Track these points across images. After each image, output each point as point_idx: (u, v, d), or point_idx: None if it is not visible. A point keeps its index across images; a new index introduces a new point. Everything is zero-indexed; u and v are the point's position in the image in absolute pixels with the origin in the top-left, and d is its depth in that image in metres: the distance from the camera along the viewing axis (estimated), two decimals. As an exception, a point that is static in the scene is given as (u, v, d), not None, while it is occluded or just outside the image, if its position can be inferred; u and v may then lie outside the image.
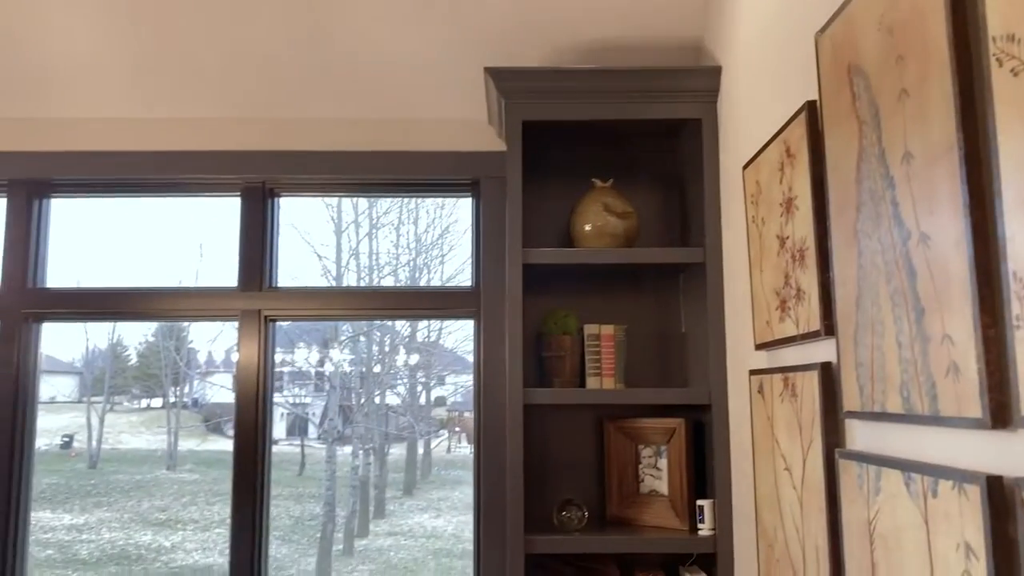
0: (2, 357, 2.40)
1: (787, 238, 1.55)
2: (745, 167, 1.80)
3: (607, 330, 2.16)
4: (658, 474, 2.17)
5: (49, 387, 8.48)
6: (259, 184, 2.44)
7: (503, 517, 2.31)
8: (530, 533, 1.99)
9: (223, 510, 7.67)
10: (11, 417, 2.42)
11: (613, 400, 2.12)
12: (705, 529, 2.01)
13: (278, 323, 2.52)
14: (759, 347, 1.71)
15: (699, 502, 2.03)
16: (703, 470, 2.12)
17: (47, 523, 7.30)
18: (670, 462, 2.13)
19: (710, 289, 2.04)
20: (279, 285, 2.50)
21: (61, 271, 2.58)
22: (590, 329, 2.16)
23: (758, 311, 1.71)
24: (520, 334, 2.02)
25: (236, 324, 2.45)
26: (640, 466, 2.21)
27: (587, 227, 2.15)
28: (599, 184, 2.20)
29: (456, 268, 7.25)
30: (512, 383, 2.01)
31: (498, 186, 2.35)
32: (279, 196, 2.51)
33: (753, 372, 1.75)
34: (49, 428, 8.19)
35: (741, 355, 1.89)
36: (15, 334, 2.41)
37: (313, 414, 7.88)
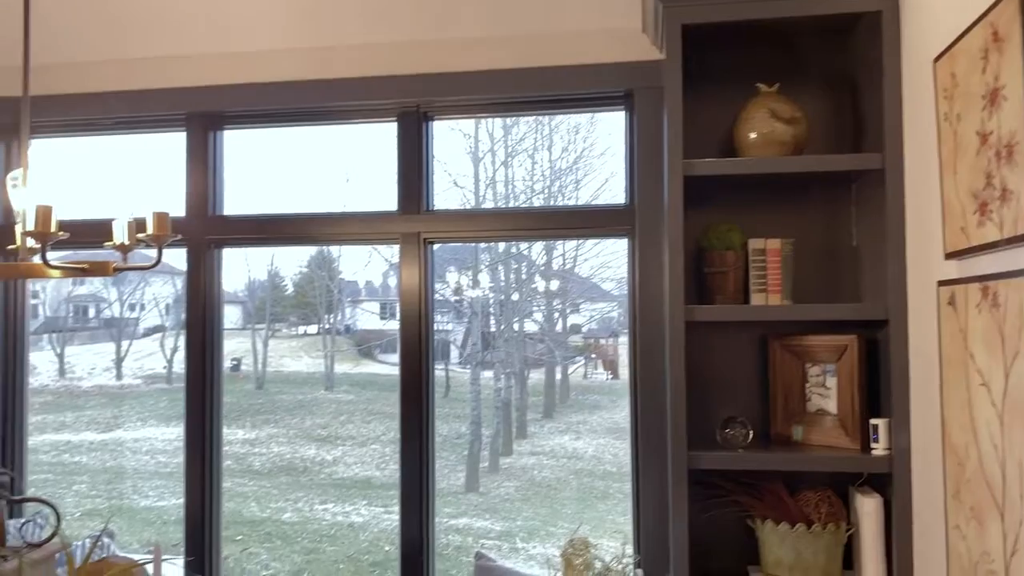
0: (192, 282, 2.62)
1: (990, 134, 1.41)
2: (936, 60, 1.64)
3: (773, 244, 2.07)
4: (826, 392, 2.09)
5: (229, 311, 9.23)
6: (414, 108, 2.48)
7: (661, 436, 2.31)
8: (693, 450, 1.98)
9: (378, 428, 8.17)
10: (201, 339, 2.65)
11: (780, 317, 2.05)
12: (879, 449, 1.93)
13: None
14: (949, 256, 1.58)
15: (872, 421, 1.95)
16: (875, 388, 2.03)
17: (224, 437, 8.09)
18: (840, 380, 2.05)
19: (889, 196, 1.90)
20: (435, 208, 2.56)
21: (232, 200, 2.74)
22: (755, 243, 2.08)
23: (950, 217, 1.58)
24: (681, 250, 1.98)
25: (382, 251, 2.53)
26: (807, 385, 2.14)
27: (752, 135, 2.04)
28: (764, 89, 2.07)
29: (591, 193, 7.18)
30: (673, 300, 1.98)
31: (654, 97, 2.27)
32: (433, 119, 2.55)
33: (942, 283, 1.63)
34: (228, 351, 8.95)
35: (925, 266, 1.76)
36: (201, 260, 2.62)
37: (455, 340, 8.16)
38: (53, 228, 1.32)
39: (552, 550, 5.71)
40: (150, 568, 1.52)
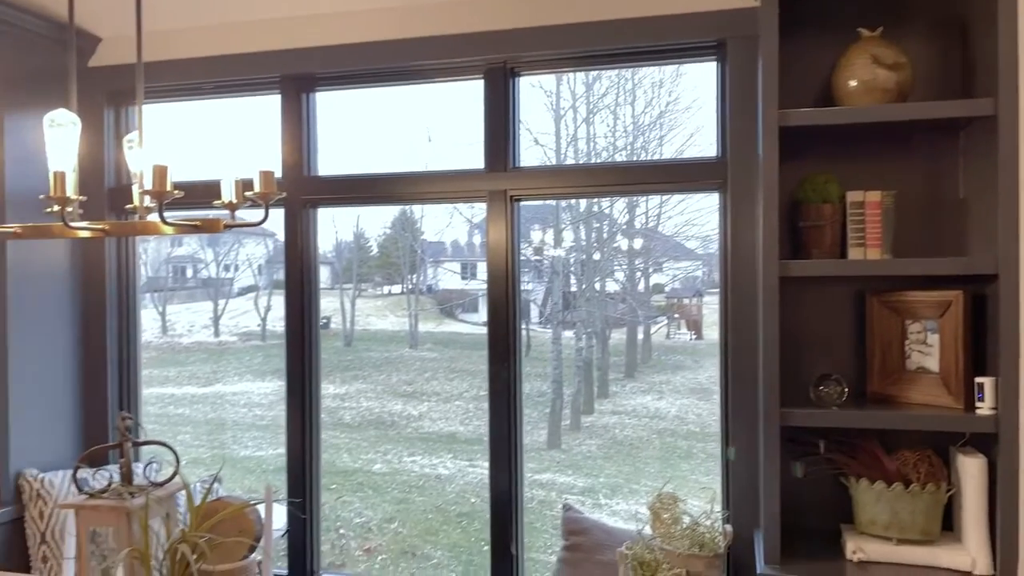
0: (290, 242, 2.72)
1: (1121, 73, 1.31)
2: (1061, -5, 1.53)
3: (873, 196, 1.99)
4: (928, 350, 2.02)
5: (308, 274, 9.54)
6: (500, 64, 2.48)
7: (752, 394, 2.29)
8: (785, 407, 1.96)
9: (461, 385, 8.33)
10: (300, 297, 2.76)
11: (879, 272, 1.98)
12: (985, 408, 1.86)
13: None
14: (1070, 206, 1.49)
15: (978, 379, 1.88)
16: (979, 346, 1.95)
17: (316, 392, 8.41)
18: (943, 337, 1.97)
19: (1002, 144, 1.79)
20: (521, 165, 2.57)
21: (320, 161, 2.81)
22: (854, 196, 2.01)
23: (1071, 164, 1.49)
24: (776, 203, 1.93)
25: (462, 212, 2.56)
26: (906, 342, 2.07)
27: (852, 83, 1.96)
28: (866, 34, 1.98)
29: (676, 149, 7.04)
30: (767, 255, 1.94)
31: (747, 46, 2.21)
32: (519, 75, 2.54)
33: (1060, 235, 1.54)
34: (311, 311, 9.29)
35: (1041, 218, 1.67)
36: (298, 220, 2.71)
37: (535, 299, 8.20)
38: (168, 187, 1.39)
39: (635, 507, 5.75)
40: (261, 508, 1.62)
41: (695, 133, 6.69)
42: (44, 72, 2.68)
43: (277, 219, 2.66)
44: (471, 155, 2.62)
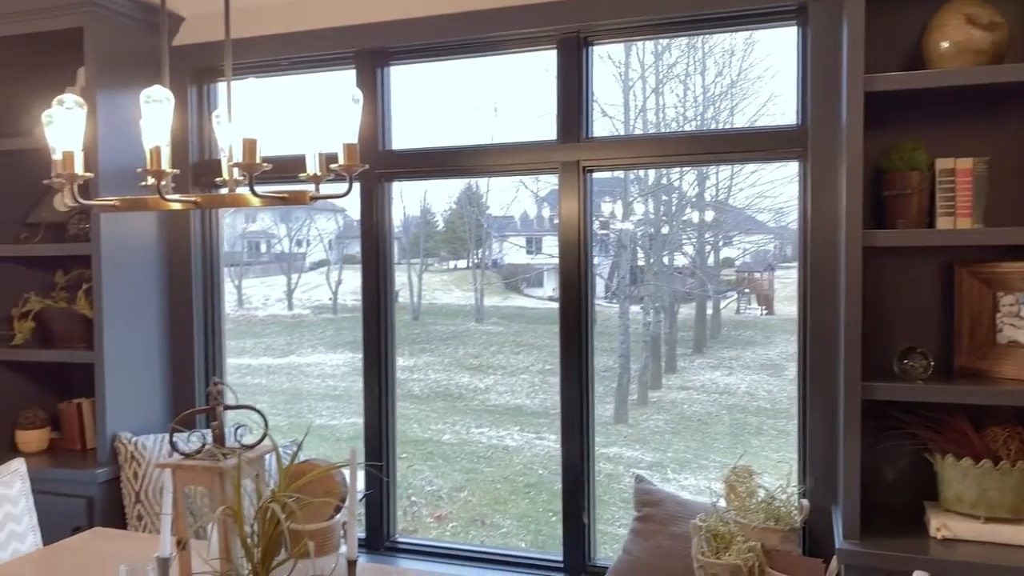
0: (365, 215, 2.78)
1: None
2: None
3: (964, 164, 1.91)
4: (1021, 323, 1.94)
5: (376, 249, 9.71)
6: (574, 34, 2.46)
7: (831, 368, 2.24)
8: (867, 380, 1.91)
9: (526, 359, 8.39)
10: (375, 271, 2.81)
11: (969, 241, 1.91)
12: (1083, 384, 1.78)
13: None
14: None
15: (1076, 355, 1.80)
16: (1080, 321, 1.86)
17: (386, 364, 8.61)
18: (1038, 310, 1.89)
19: (1109, 107, 1.70)
20: (594, 136, 2.55)
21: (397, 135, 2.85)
22: (943, 163, 1.93)
23: None
24: (860, 171, 1.87)
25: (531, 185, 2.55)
26: (998, 315, 1.99)
27: (944, 44, 1.88)
28: (960, -8, 1.89)
29: (748, 118, 6.87)
30: (850, 225, 1.89)
31: (829, 9, 2.13)
32: (593, 45, 2.52)
33: None
34: (379, 285, 9.48)
35: None
36: (372, 195, 2.76)
37: (601, 273, 8.16)
38: (257, 160, 1.44)
39: (703, 482, 5.72)
40: (345, 471, 1.67)
41: (768, 102, 6.52)
42: (132, 52, 2.79)
43: (349, 195, 2.72)
44: (538, 127, 2.61)
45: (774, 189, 7.20)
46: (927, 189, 1.97)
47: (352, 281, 10.36)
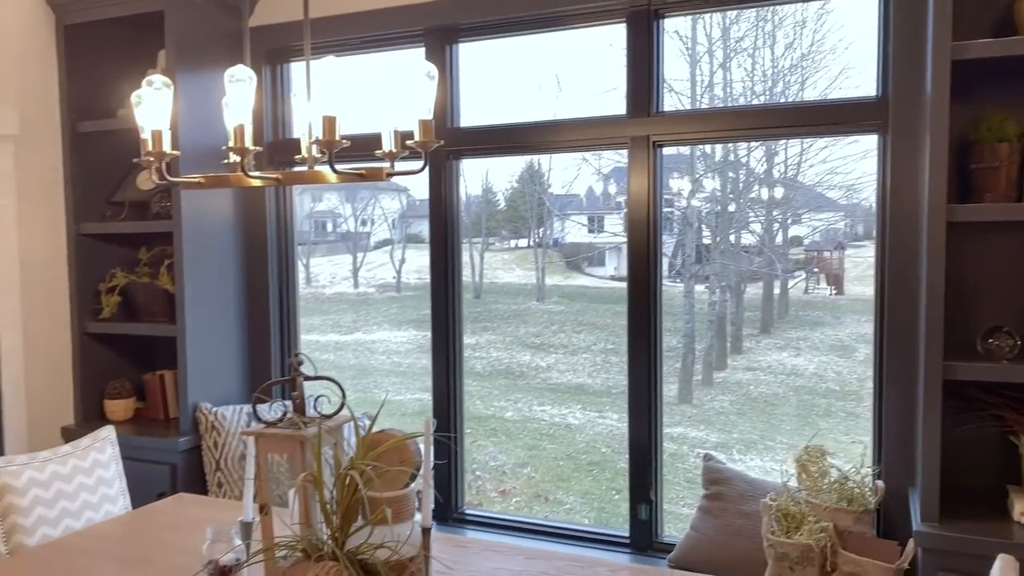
0: (434, 193, 2.81)
1: None
2: None
3: (1058, 134, 1.83)
4: (1118, 302, 1.85)
5: (439, 228, 9.81)
6: (644, 6, 2.42)
7: (910, 346, 2.18)
8: (949, 360, 1.86)
9: (588, 338, 8.37)
10: (444, 248, 2.85)
11: (1063, 216, 1.82)
12: None
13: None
14: None
15: None
16: None
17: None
18: None
19: None
20: (665, 110, 2.52)
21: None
22: (1035, 134, 1.85)
23: None
24: (945, 143, 1.81)
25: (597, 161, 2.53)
26: (1092, 293, 1.91)
27: (1039, 9, 1.79)
28: (1058, -47, 1.80)
29: (820, 92, 6.66)
30: (934, 198, 1.83)
31: (915, -25, 2.05)
32: (663, 18, 2.48)
33: None
34: (443, 263, 9.59)
35: None
36: (441, 172, 2.79)
37: (665, 252, 8.06)
38: (337, 137, 1.47)
39: (770, 463, 5.64)
40: (420, 441, 1.71)
41: (841, 75, 6.31)
42: (210, 35, 2.87)
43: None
44: (601, 104, 2.59)
45: (846, 165, 6.98)
46: (1016, 162, 1.89)
47: (415, 260, 10.50)
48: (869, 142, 2.26)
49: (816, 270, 8.22)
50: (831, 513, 2.13)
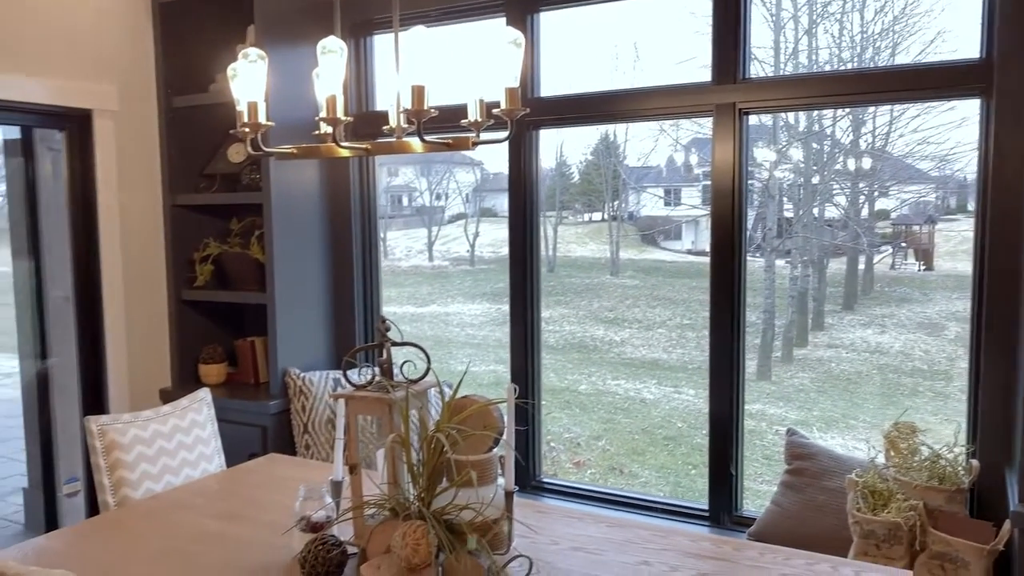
0: (514, 164, 2.81)
1: None
2: None
3: None
4: None
5: (513, 202, 9.84)
6: (732, -31, 2.36)
7: (1011, 324, 2.08)
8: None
9: (663, 313, 8.29)
10: (523, 220, 2.86)
11: None
12: None
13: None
14: None
15: None
16: None
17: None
18: None
19: None
20: (752, 76, 2.45)
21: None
22: None
23: None
24: (1057, 106, 1.70)
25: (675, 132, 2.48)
26: None
27: None
28: None
29: (912, 58, 6.35)
30: (1043, 165, 1.73)
31: (1028, -73, 1.93)
32: (751, -19, 2.41)
33: None
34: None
35: None
36: (521, 143, 2.79)
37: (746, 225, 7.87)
38: (426, 107, 1.49)
39: (852, 442, 5.50)
40: (503, 407, 1.74)
41: (936, 39, 6.01)
42: (296, 9, 2.93)
43: (486, 148, 2.75)
44: (680, 73, 2.53)
45: (939, 134, 6.66)
46: None
47: (488, 234, 10.57)
48: (967, 108, 2.14)
49: (904, 244, 7.91)
50: (921, 491, 2.08)
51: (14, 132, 3.16)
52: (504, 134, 1.63)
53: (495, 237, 10.50)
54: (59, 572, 1.31)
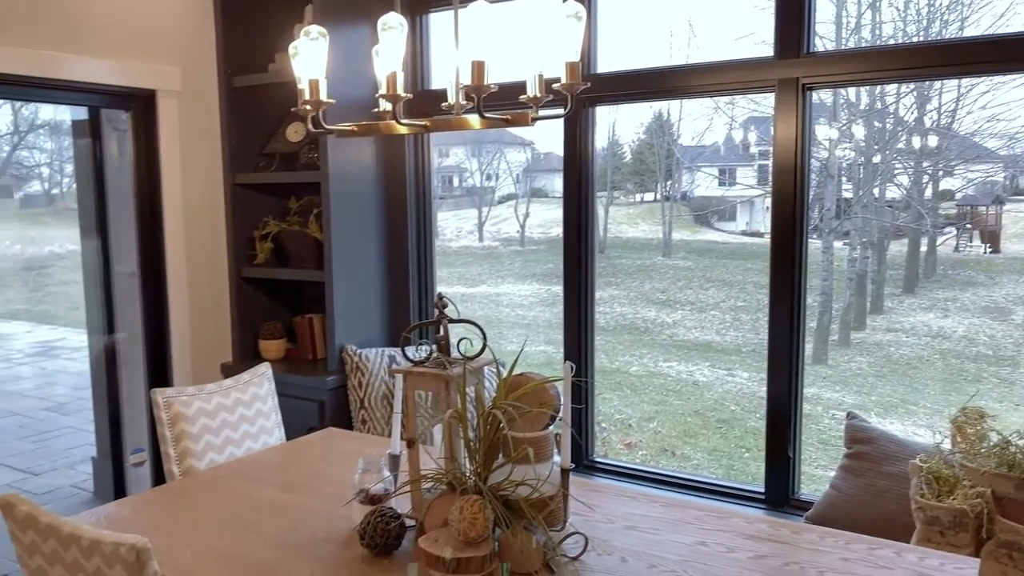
0: (569, 143, 2.79)
1: None
2: None
3: None
4: None
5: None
6: (796, -61, 2.29)
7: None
8: None
9: (716, 295, 8.18)
10: (577, 200, 2.83)
11: None
12: None
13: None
14: None
15: None
16: None
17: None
18: None
19: None
20: (816, 50, 2.38)
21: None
22: None
23: None
24: None
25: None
26: None
27: None
28: None
29: (982, 31, 6.10)
30: None
31: None
32: (818, -49, 2.33)
33: None
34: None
35: None
36: (577, 120, 2.77)
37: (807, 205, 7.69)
38: (486, 82, 1.49)
39: (911, 427, 5.37)
40: (559, 385, 1.74)
41: (1008, 11, 5.76)
42: (352, -11, 2.95)
43: (538, 128, 2.73)
44: (737, 50, 2.47)
45: (1008, 111, 6.39)
46: None
47: (539, 214, 10.54)
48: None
49: (969, 226, 7.64)
50: (990, 478, 2.01)
51: (82, 113, 3.26)
52: (563, 110, 1.62)
53: (545, 218, 10.46)
54: (131, 536, 1.37)
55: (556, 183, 10.16)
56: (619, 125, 9.66)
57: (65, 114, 3.98)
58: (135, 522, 1.86)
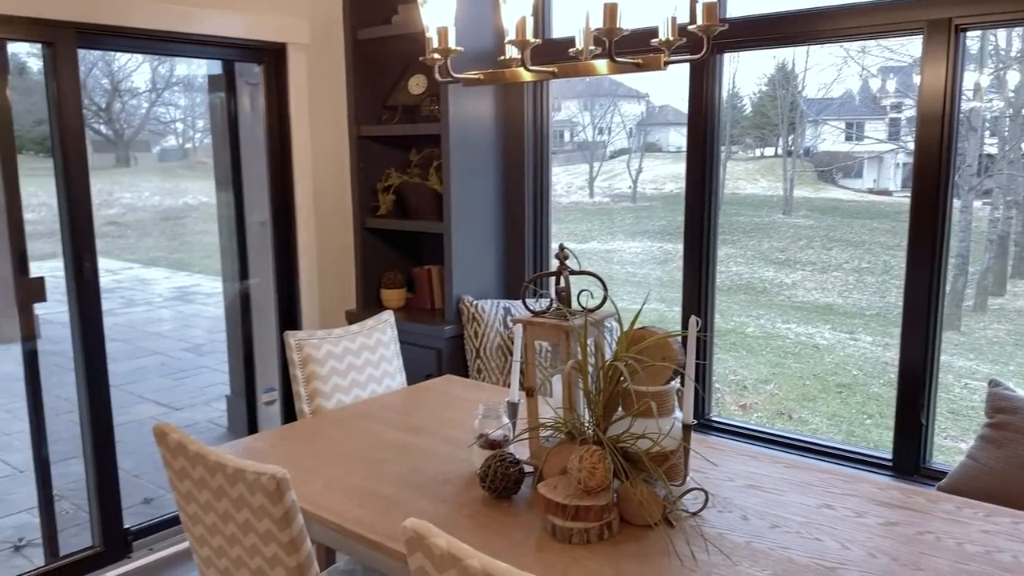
0: (694, 92, 2.69)
1: None
2: None
3: None
4: None
5: (678, 136, 9.50)
6: None
7: None
8: None
9: (840, 255, 7.80)
10: (701, 153, 2.74)
11: None
12: None
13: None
14: None
15: None
16: None
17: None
18: None
19: None
20: (973, -12, 2.18)
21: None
22: None
23: None
24: None
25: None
26: None
27: None
28: None
29: None
30: None
31: None
32: None
33: None
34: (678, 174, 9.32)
35: None
36: (703, 67, 2.66)
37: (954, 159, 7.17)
38: (617, 25, 1.45)
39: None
40: (680, 340, 1.71)
41: None
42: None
43: (651, 80, 2.64)
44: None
45: None
46: None
47: (652, 169, 10.30)
48: None
49: None
50: None
51: (216, 68, 3.41)
52: (693, 55, 1.56)
53: (658, 173, 10.22)
54: (272, 467, 1.45)
55: (671, 137, 9.88)
56: (739, 76, 9.26)
57: (198, 69, 4.18)
58: (271, 455, 1.97)
